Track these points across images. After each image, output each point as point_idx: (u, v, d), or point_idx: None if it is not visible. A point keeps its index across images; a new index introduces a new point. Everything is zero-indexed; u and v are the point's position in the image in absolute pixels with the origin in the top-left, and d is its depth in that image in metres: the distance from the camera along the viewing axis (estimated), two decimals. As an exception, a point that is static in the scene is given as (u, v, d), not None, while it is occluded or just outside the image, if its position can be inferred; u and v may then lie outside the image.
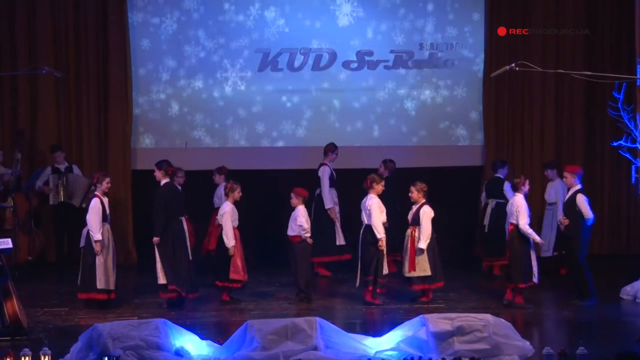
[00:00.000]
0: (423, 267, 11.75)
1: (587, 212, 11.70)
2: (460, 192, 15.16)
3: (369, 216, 11.65)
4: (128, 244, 14.86)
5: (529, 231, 11.51)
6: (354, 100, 15.17)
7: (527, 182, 11.83)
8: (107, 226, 11.63)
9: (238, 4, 14.92)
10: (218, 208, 12.86)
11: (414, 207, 11.91)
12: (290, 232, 12.05)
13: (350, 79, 15.12)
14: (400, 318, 10.34)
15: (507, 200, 12.81)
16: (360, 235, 11.79)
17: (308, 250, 12.07)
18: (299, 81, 15.05)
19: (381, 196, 11.84)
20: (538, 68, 11.64)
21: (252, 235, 12.29)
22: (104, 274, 11.40)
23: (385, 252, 11.67)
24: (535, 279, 11.55)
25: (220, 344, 9.39)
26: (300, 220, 11.93)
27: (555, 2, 15.20)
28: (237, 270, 11.76)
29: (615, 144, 12.65)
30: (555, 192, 13.70)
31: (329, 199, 13.56)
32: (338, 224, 13.65)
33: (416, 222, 11.82)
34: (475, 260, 14.23)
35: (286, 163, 14.86)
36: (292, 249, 12.06)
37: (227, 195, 11.99)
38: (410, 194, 11.98)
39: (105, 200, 11.65)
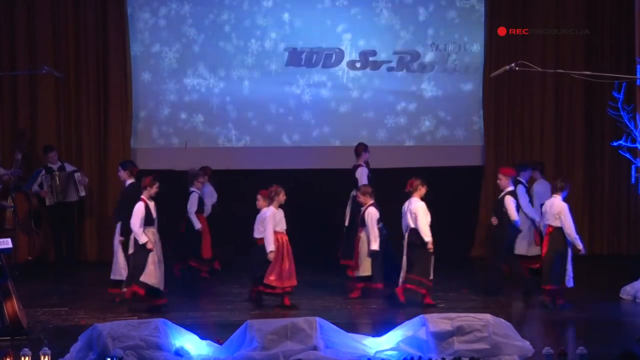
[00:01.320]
0: (366, 268, 11.99)
1: (514, 214, 12.00)
2: (460, 192, 15.15)
3: (415, 220, 11.59)
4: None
5: (576, 236, 11.50)
6: (355, 101, 15.16)
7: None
8: (153, 230, 11.48)
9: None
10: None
11: (362, 210, 12.07)
12: (256, 235, 11.83)
13: (352, 79, 15.13)
14: (400, 318, 10.34)
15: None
16: (407, 239, 11.72)
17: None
18: (299, 81, 15.08)
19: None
20: (538, 68, 11.63)
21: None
22: (155, 274, 11.31)
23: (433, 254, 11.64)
24: (570, 282, 11.54)
25: (220, 344, 9.39)
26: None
27: (555, 2, 15.20)
28: (277, 275, 11.59)
29: (615, 143, 12.63)
30: (536, 192, 13.83)
31: None
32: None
33: (363, 223, 12.00)
34: (474, 260, 14.25)
35: (287, 163, 14.85)
36: (254, 250, 11.89)
37: (272, 199, 11.69)
38: (357, 199, 12.21)
39: (152, 204, 11.49)
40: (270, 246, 11.51)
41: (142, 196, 11.40)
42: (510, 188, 12.16)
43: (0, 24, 14.60)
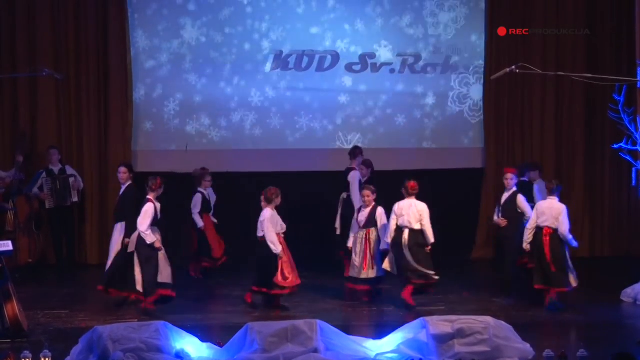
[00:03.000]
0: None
1: (530, 211, 11.93)
2: (461, 194, 15.15)
3: (421, 221, 11.59)
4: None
5: (570, 237, 11.52)
6: (356, 102, 15.17)
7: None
8: (157, 228, 11.45)
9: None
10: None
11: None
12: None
13: (353, 81, 15.13)
14: (401, 320, 10.34)
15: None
16: (408, 240, 11.62)
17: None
18: (299, 84, 15.09)
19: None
20: (538, 70, 11.64)
21: (253, 235, 12.28)
22: (168, 271, 11.35)
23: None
24: (575, 283, 11.60)
25: (221, 347, 9.40)
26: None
27: (555, 2, 15.20)
28: (283, 276, 11.59)
29: (615, 146, 12.65)
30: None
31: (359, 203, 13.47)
32: None
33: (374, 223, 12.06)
34: (475, 263, 14.24)
35: (288, 164, 14.85)
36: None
37: (269, 201, 11.60)
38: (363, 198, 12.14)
39: (158, 205, 11.44)
40: (278, 247, 11.49)
41: (150, 197, 11.39)
42: (515, 188, 12.23)
43: (1, 26, 14.61)
